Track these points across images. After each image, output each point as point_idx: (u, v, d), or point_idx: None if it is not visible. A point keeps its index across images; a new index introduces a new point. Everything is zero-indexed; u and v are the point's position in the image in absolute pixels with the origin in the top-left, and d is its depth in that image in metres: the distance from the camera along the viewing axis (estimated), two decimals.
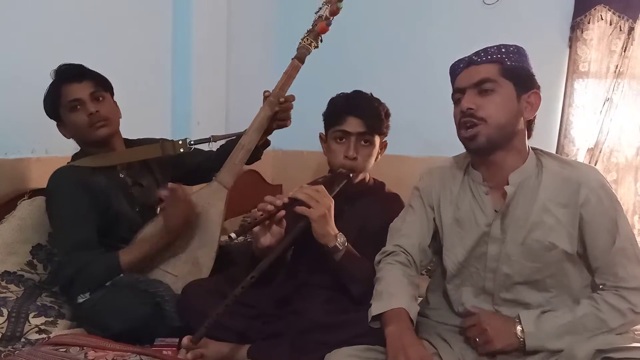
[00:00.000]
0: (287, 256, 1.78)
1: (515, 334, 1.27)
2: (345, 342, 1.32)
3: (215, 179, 1.83)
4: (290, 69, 1.81)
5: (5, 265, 1.74)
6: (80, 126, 1.71)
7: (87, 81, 1.71)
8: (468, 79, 1.32)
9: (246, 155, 1.84)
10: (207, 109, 2.72)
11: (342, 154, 1.65)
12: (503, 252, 1.33)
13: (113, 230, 1.74)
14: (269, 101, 1.81)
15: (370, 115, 1.64)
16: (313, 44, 1.81)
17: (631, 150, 2.72)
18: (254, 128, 1.83)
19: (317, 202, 1.48)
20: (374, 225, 1.61)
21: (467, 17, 2.91)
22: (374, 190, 1.76)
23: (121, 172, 1.81)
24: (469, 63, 1.34)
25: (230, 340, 1.54)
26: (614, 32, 2.66)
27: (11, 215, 1.82)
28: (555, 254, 1.29)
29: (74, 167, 1.72)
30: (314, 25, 1.81)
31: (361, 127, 1.63)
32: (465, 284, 1.40)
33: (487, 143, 1.30)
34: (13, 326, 1.56)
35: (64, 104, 1.70)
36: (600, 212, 1.27)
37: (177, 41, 2.62)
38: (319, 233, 1.49)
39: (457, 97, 1.35)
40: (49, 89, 1.72)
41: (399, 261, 1.41)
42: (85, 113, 1.69)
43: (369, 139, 1.66)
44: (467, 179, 1.42)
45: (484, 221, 1.36)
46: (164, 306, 1.58)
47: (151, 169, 1.90)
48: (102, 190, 1.71)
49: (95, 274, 1.62)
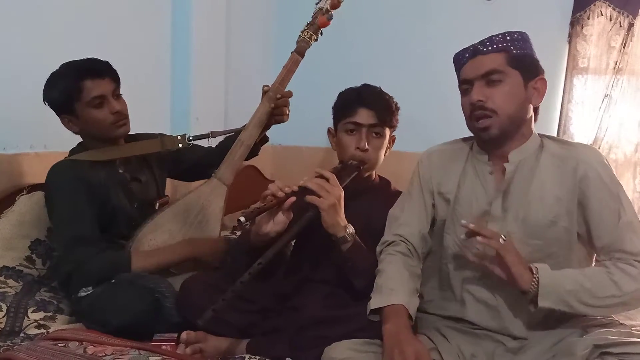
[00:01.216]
0: (287, 252, 1.77)
1: (530, 271, 1.24)
2: (344, 336, 1.32)
3: (215, 175, 1.82)
4: (290, 63, 1.80)
5: (4, 260, 1.74)
6: (101, 122, 1.68)
7: (108, 78, 1.69)
8: (475, 70, 1.33)
9: (246, 151, 1.84)
10: (206, 105, 2.71)
11: (354, 146, 1.64)
12: (504, 230, 1.33)
13: (110, 226, 1.73)
14: (268, 96, 1.80)
15: (381, 107, 1.64)
16: (313, 37, 1.79)
17: (630, 146, 2.72)
18: (254, 124, 1.82)
19: (327, 191, 1.47)
20: (378, 223, 1.60)
21: (467, 13, 2.90)
22: (380, 187, 1.76)
23: (120, 167, 1.80)
24: (475, 53, 1.34)
25: (230, 335, 1.55)
26: (614, 28, 2.65)
27: (10, 211, 1.82)
28: (556, 230, 1.31)
29: (73, 161, 1.70)
30: (314, 17, 1.79)
31: (372, 119, 1.63)
32: (467, 266, 1.40)
33: (500, 134, 1.32)
34: (12, 321, 1.56)
35: (86, 100, 1.65)
36: (601, 187, 1.28)
37: (176, 37, 2.61)
38: (329, 223, 1.47)
39: (465, 88, 1.36)
40: (64, 82, 1.65)
41: (399, 251, 1.41)
42: (109, 110, 1.67)
43: (380, 131, 1.65)
44: (472, 159, 1.44)
45: (485, 199, 1.37)
46: (163, 302, 1.58)
47: (150, 164, 1.90)
48: (101, 185, 1.70)
49: (101, 271, 1.62)
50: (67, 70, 1.67)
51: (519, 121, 1.34)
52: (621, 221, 1.27)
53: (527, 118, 1.35)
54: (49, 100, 1.69)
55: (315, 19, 1.79)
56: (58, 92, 1.66)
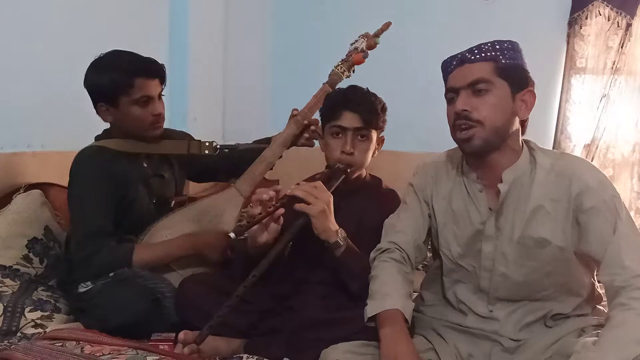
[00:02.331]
0: (285, 253, 1.78)
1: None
2: (342, 339, 1.32)
3: (235, 186, 1.86)
4: (321, 94, 1.86)
5: (1, 259, 1.74)
6: (142, 121, 1.70)
7: (158, 79, 1.70)
8: (462, 79, 1.29)
9: (267, 168, 1.89)
10: (203, 105, 2.71)
11: (339, 149, 1.64)
12: (498, 250, 1.32)
13: (125, 219, 1.73)
14: (295, 120, 1.86)
15: (366, 110, 1.63)
16: (345, 74, 1.89)
17: (627, 146, 2.73)
18: (279, 143, 1.88)
19: (315, 198, 1.48)
20: (371, 222, 1.61)
21: (465, 13, 2.90)
22: (371, 186, 1.76)
23: (144, 161, 1.80)
24: (462, 61, 1.30)
25: (228, 335, 1.55)
26: (612, 28, 2.66)
27: (6, 209, 1.82)
28: (550, 250, 1.28)
29: (101, 148, 1.70)
30: (349, 55, 1.90)
31: (357, 122, 1.63)
32: (463, 280, 1.40)
33: (483, 145, 1.28)
34: (9, 321, 1.56)
35: (134, 96, 1.65)
36: (596, 201, 1.23)
37: (173, 37, 2.61)
38: (320, 229, 1.48)
39: (451, 97, 1.32)
40: (115, 75, 1.63)
41: (393, 258, 1.40)
42: (152, 111, 1.69)
43: (366, 134, 1.65)
44: (461, 176, 1.41)
45: (478, 219, 1.34)
46: (163, 302, 1.58)
47: (171, 162, 1.90)
48: (123, 176, 1.70)
49: (108, 263, 1.62)
50: (121, 62, 1.66)
51: (503, 134, 1.28)
52: (618, 233, 1.21)
53: (513, 131, 1.30)
54: (92, 86, 1.66)
55: (350, 57, 1.89)
56: (107, 82, 1.64)
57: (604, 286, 1.24)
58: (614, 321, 1.13)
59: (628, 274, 1.17)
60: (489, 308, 1.35)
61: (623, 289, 1.16)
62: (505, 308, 1.33)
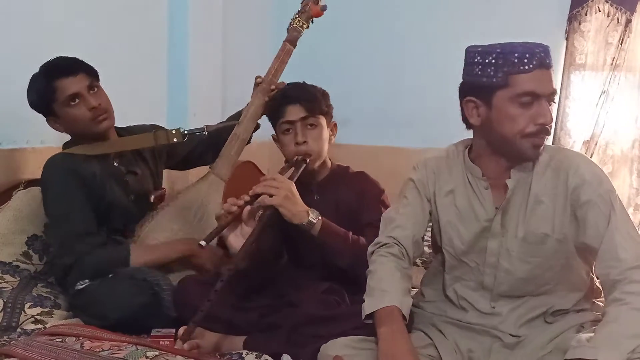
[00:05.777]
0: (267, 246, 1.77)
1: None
2: (341, 334, 1.32)
3: (212, 171, 1.82)
4: (282, 54, 1.80)
5: (1, 255, 1.74)
6: (81, 120, 1.67)
7: (81, 74, 1.66)
8: (546, 86, 1.25)
9: (242, 145, 1.84)
10: (203, 100, 2.71)
11: (292, 143, 1.67)
12: (503, 247, 1.32)
13: (107, 220, 1.73)
14: (261, 88, 1.81)
15: (306, 99, 1.67)
16: (304, 26, 1.79)
17: (627, 142, 2.73)
18: (248, 117, 1.82)
19: (276, 188, 1.51)
20: (348, 206, 1.67)
21: (465, 9, 2.90)
22: (338, 173, 1.78)
23: (115, 161, 1.79)
24: (542, 64, 1.24)
25: (227, 332, 1.55)
26: (611, 25, 2.66)
27: (6, 206, 1.81)
28: (551, 244, 1.29)
29: (67, 155, 1.70)
30: (304, 5, 1.79)
31: (302, 112, 1.66)
32: (465, 277, 1.40)
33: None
34: (9, 317, 1.56)
35: (61, 100, 1.64)
36: (591, 194, 1.24)
37: (173, 32, 2.60)
38: (289, 214, 1.51)
39: (528, 101, 1.24)
40: (38, 85, 1.65)
41: (392, 253, 1.39)
42: (86, 107, 1.66)
43: (314, 122, 1.68)
44: (465, 172, 1.40)
45: (484, 216, 1.35)
46: (161, 295, 1.58)
47: (144, 157, 1.89)
48: (96, 178, 1.70)
49: (99, 266, 1.62)
50: (40, 72, 1.67)
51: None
52: (612, 226, 1.22)
53: None
54: (30, 104, 1.69)
55: (306, 7, 1.79)
56: (35, 95, 1.67)
57: (601, 280, 1.25)
58: (609, 317, 1.15)
59: (623, 266, 1.18)
60: (492, 305, 1.35)
61: (619, 282, 1.17)
62: (508, 304, 1.34)
